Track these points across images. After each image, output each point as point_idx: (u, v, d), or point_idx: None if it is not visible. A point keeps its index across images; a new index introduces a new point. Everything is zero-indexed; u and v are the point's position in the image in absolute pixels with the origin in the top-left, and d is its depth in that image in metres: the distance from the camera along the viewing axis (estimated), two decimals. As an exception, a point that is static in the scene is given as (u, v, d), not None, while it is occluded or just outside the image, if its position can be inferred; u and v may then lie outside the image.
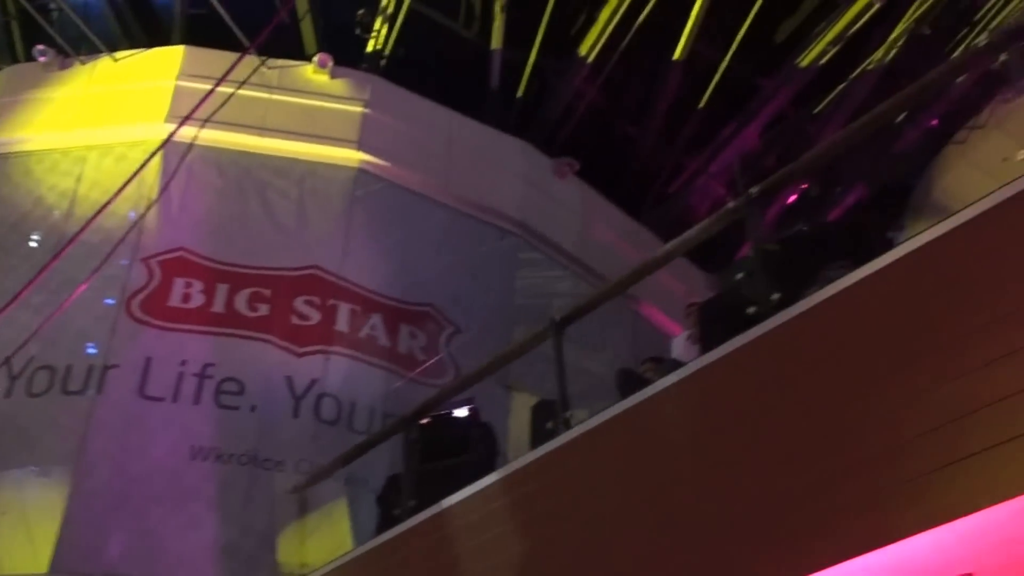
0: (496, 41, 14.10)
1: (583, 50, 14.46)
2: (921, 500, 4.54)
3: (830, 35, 14.84)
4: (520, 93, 14.61)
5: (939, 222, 5.07)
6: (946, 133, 15.33)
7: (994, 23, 14.62)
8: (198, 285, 11.47)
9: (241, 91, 12.51)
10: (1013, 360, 4.47)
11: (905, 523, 4.54)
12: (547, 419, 7.42)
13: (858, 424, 4.99)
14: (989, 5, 14.93)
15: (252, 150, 12.53)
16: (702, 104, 15.23)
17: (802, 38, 15.30)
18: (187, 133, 12.15)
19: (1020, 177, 4.79)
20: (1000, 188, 4.71)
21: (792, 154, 9.62)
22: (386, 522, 8.25)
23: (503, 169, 13.75)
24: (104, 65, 13.36)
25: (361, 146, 12.71)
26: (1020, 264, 4.66)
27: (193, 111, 12.07)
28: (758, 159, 15.46)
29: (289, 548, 10.20)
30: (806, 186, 15.39)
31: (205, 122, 12.22)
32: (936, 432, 4.63)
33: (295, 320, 11.52)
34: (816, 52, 14.99)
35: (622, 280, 7.69)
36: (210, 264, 11.64)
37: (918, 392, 4.79)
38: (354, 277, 11.97)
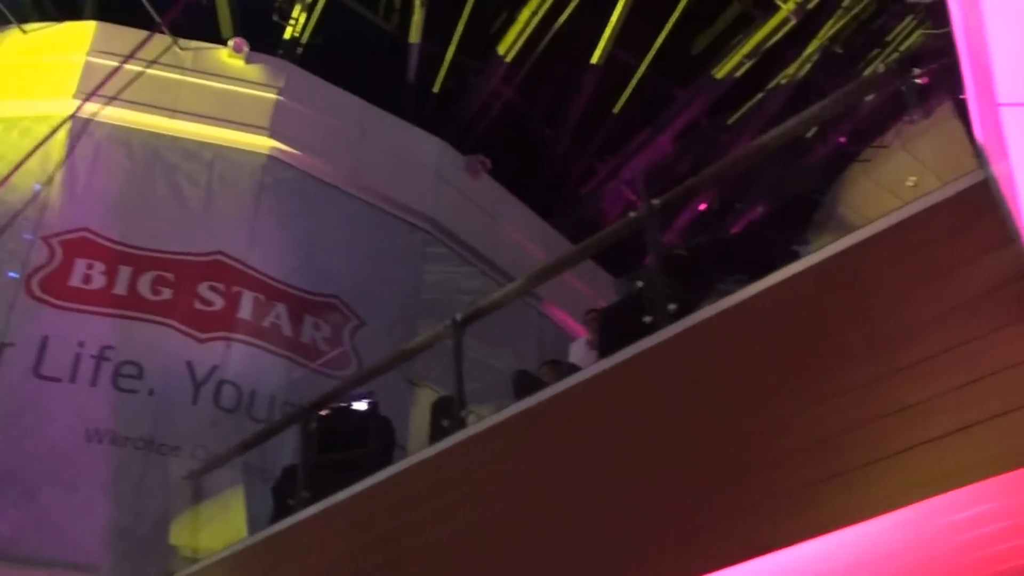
0: (415, 35, 14.10)
1: (502, 49, 14.52)
2: (810, 509, 4.69)
3: (746, 48, 15.11)
4: (436, 88, 14.65)
5: (833, 241, 5.25)
6: (853, 151, 15.70)
7: (904, 45, 15.01)
8: (100, 266, 11.32)
9: (154, 72, 12.37)
10: (898, 378, 4.64)
11: (793, 531, 4.67)
12: (446, 416, 7.47)
13: (747, 434, 5.13)
14: (899, 28, 15.33)
15: (162, 131, 12.37)
16: (617, 109, 15.39)
17: (718, 50, 15.55)
18: (95, 110, 11.97)
19: (909, 203, 4.98)
20: (885, 215, 4.89)
21: (704, 163, 9.79)
22: (280, 512, 8.23)
23: (415, 164, 13.75)
24: (13, 37, 13.09)
25: (273, 133, 12.61)
26: (907, 285, 4.85)
27: (99, 87, 11.90)
28: (670, 167, 15.67)
29: (183, 533, 10.12)
30: (715, 196, 15.65)
31: (113, 99, 12.05)
32: (826, 443, 4.78)
33: (198, 306, 11.43)
34: (732, 64, 15.24)
35: (524, 282, 7.76)
36: (114, 246, 11.48)
37: (806, 406, 4.94)
38: (260, 265, 11.90)
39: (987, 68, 3.77)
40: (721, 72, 15.34)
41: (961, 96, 4.71)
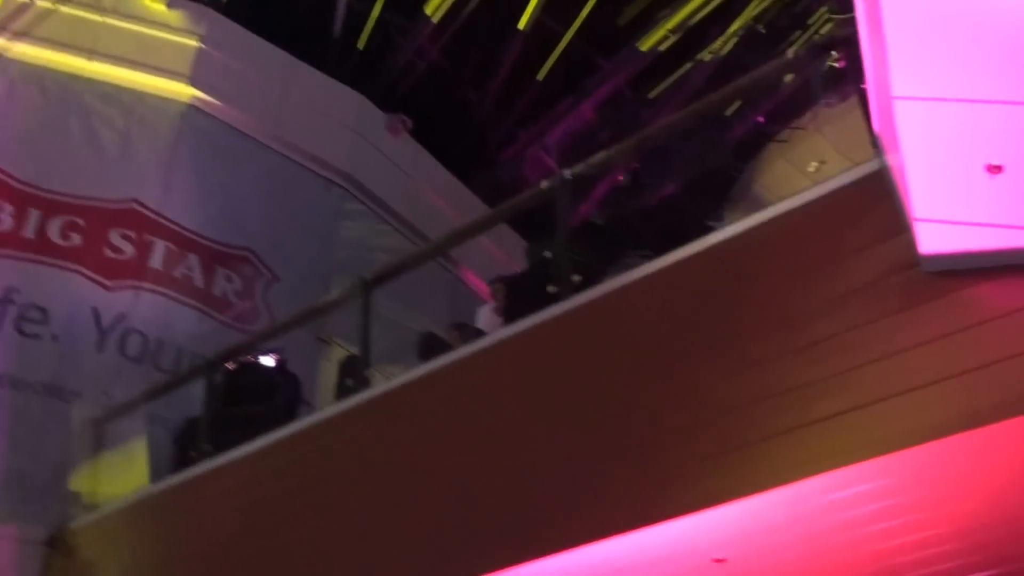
0: (342, -11, 13.99)
1: (429, 9, 14.42)
2: (699, 482, 4.83)
3: (671, 22, 15.17)
4: (361, 45, 14.53)
5: (738, 221, 5.38)
6: (771, 131, 15.90)
7: (824, 29, 15.20)
8: (9, 208, 11.08)
9: (72, 11, 12.08)
10: (791, 358, 4.79)
11: (682, 502, 4.81)
12: (352, 375, 7.51)
13: (642, 407, 5.26)
14: (820, 12, 15.51)
15: (79, 73, 12.08)
16: (541, 76, 15.41)
17: (645, 22, 15.59)
18: (8, 46, 11.71)
19: (807, 188, 5.13)
20: (783, 199, 5.02)
21: (624, 134, 9.87)
22: (182, 463, 8.23)
23: (336, 120, 13.64)
24: (-79, -31, 12.72)
25: (193, 81, 12.39)
26: (803, 268, 4.99)
27: (12, 21, 11.62)
28: (592, 136, 15.73)
29: (83, 481, 10.04)
30: (634, 168, 15.73)
31: (22, 35, 11.77)
32: (719, 419, 4.93)
33: (108, 253, 11.25)
34: (656, 38, 15.30)
35: (434, 245, 7.82)
36: (23, 187, 11.24)
37: (702, 381, 5.08)
38: (173, 215, 11.74)
39: (884, 60, 3.88)
40: (646, 45, 15.40)
41: (863, 85, 4.85)
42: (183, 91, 12.36)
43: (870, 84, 4.55)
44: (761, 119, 16.00)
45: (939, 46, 3.83)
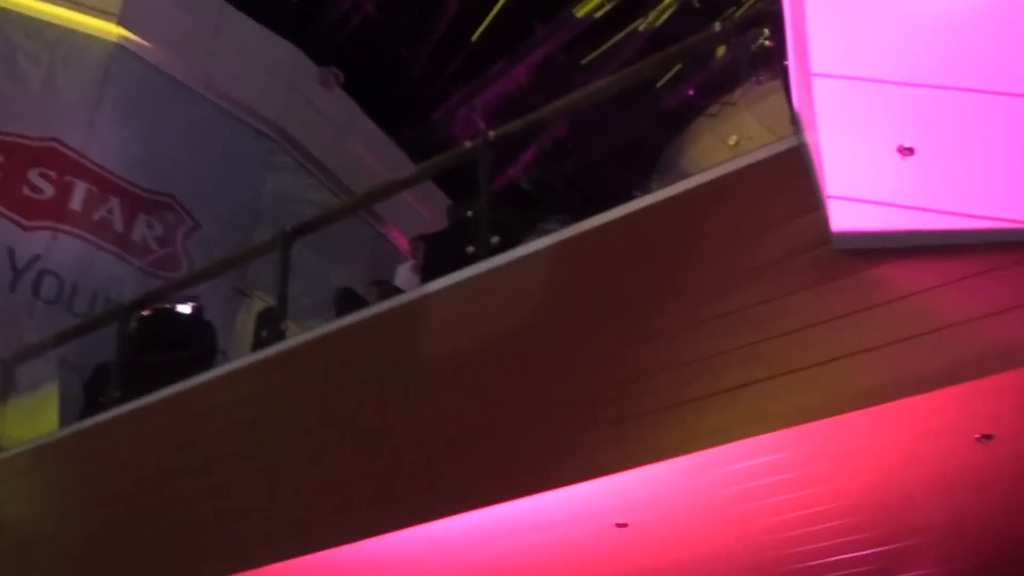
0: (278, -63, 13.81)
1: (365, -37, 14.34)
2: (601, 449, 4.85)
3: (608, -10, 15.21)
4: (297, -4, 14.40)
5: (654, 193, 5.40)
6: (701, 104, 15.98)
7: (756, 4, 15.27)
8: (-77, 142, 10.86)
9: (-4, -59, 11.79)
10: (699, 330, 4.82)
11: (582, 469, 4.82)
12: (267, 327, 7.44)
13: (550, 372, 5.27)
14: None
15: (3, 4, 11.81)
16: (476, 37, 15.35)
17: (581, -12, 15.61)
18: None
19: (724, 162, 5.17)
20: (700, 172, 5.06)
21: (555, 99, 9.86)
22: (90, 409, 8.12)
23: (268, 70, 13.49)
24: None
25: (122, 21, 12.15)
26: (715, 242, 5.03)
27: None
28: (524, 100, 15.70)
29: (-10, 420, 9.88)
30: (562, 135, 15.78)
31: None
32: (625, 387, 4.94)
33: (26, 192, 11.05)
34: (592, 5, 15.31)
35: (356, 199, 7.77)
36: (-61, 121, 11.02)
37: (611, 348, 5.09)
38: (96, 156, 11.55)
39: (803, 36, 3.91)
40: (581, 11, 15.40)
41: (786, 62, 4.88)
42: (112, 30, 12.13)
43: (791, 60, 4.58)
44: (692, 92, 16.08)
45: (859, 25, 3.86)
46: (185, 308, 8.52)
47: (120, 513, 6.95)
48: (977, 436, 4.30)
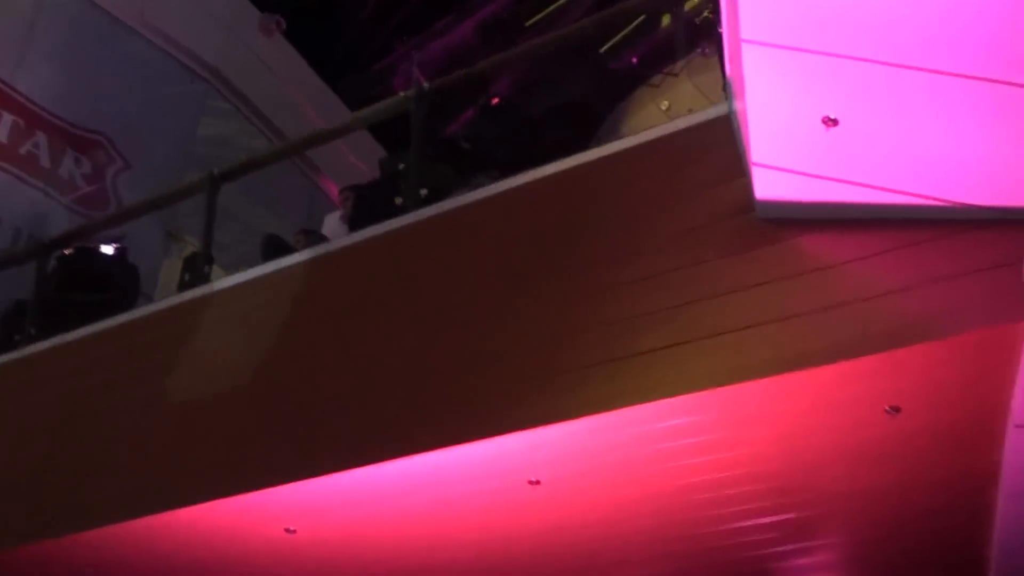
0: None
1: (312, -93, 14.14)
2: (520, 404, 4.85)
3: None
4: (240, -62, 14.13)
5: (582, 152, 5.40)
6: (645, 73, 15.96)
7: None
8: None
9: None
10: (623, 290, 4.84)
11: (485, 426, 4.85)
12: (192, 271, 7.34)
13: (456, 330, 5.28)
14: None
15: (-65, -65, 11.51)
16: (423, -9, 15.27)
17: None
18: None
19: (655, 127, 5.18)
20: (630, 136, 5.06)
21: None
22: (5, 346, 7.97)
23: (208, 12, 13.27)
24: None
25: (57, -48, 11.90)
26: (642, 204, 5.04)
27: None
28: (468, 56, 15.61)
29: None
30: (504, 94, 15.70)
31: None
32: (546, 343, 4.95)
33: (-50, 122, 10.81)
34: (541, -35, 15.27)
35: (288, 145, 7.69)
36: None
37: (535, 305, 5.09)
38: (25, 89, 11.29)
39: (735, 2, 3.90)
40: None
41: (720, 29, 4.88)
42: (46, -38, 11.84)
43: (724, 27, 4.58)
44: (635, 61, 16.07)
45: (790, -6, 3.87)
46: (109, 249, 8.36)
47: (28, 451, 6.84)
48: (886, 408, 4.37)
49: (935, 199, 4.05)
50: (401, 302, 5.56)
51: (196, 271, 6.94)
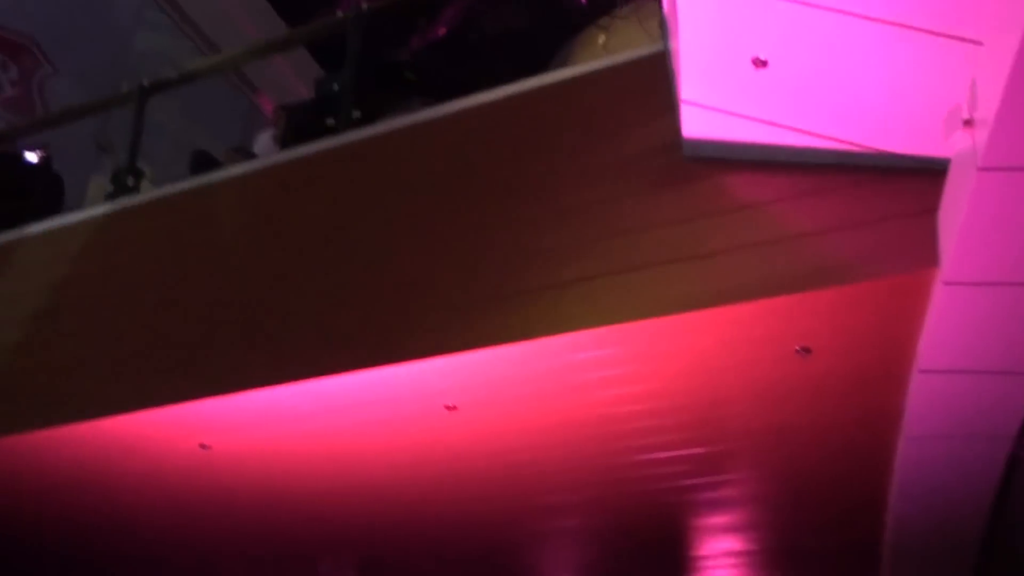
0: None
1: None
2: (419, 332, 4.91)
3: None
4: None
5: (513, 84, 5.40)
6: (593, 15, 15.84)
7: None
8: None
9: None
10: (545, 221, 4.87)
11: (402, 350, 4.89)
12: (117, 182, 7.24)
13: (376, 254, 5.29)
14: None
15: None
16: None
17: None
18: None
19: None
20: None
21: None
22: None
23: (148, -81, 12.95)
24: None
25: None
26: (572, 137, 5.07)
27: None
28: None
29: None
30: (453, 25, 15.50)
31: None
32: (469, 270, 4.98)
33: None
34: None
35: (221, 59, 7.57)
36: None
37: (460, 232, 5.12)
38: (-54, -13, 10.98)
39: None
40: None
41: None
42: None
43: (663, -36, 4.58)
44: (584, 1, 15.93)
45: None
46: (32, 156, 8.20)
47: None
48: (797, 348, 4.45)
49: (856, 144, 4.12)
50: (323, 224, 5.54)
51: (121, 183, 6.84)
